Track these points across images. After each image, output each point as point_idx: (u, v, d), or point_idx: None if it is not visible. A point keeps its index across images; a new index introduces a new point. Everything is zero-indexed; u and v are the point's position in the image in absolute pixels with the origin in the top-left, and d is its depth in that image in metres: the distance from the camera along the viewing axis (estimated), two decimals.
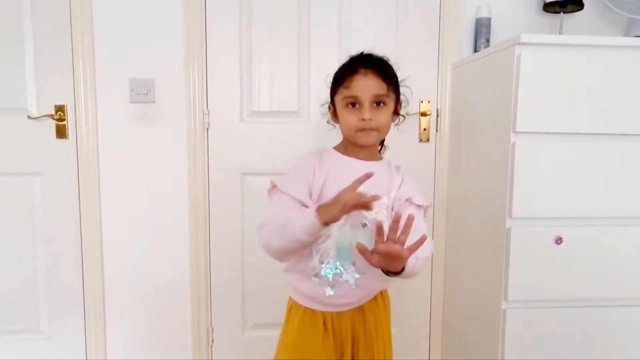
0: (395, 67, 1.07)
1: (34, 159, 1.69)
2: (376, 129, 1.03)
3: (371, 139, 1.04)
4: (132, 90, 1.64)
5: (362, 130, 1.02)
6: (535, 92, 1.23)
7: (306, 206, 1.00)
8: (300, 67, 1.69)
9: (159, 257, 1.74)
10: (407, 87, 1.10)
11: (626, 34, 1.69)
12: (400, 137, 1.71)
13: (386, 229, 1.01)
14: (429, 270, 1.78)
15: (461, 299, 1.64)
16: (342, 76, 1.04)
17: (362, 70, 1.01)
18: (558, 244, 1.29)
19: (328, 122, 1.16)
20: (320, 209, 0.92)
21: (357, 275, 1.01)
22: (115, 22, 1.63)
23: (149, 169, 1.70)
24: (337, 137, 1.14)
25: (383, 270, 0.94)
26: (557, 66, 1.23)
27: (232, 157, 1.71)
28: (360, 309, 1.11)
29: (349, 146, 1.09)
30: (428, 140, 1.73)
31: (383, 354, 1.14)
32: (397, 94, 1.07)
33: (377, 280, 1.06)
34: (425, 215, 1.08)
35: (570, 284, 1.31)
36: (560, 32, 1.61)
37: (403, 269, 0.91)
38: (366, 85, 1.01)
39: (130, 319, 1.76)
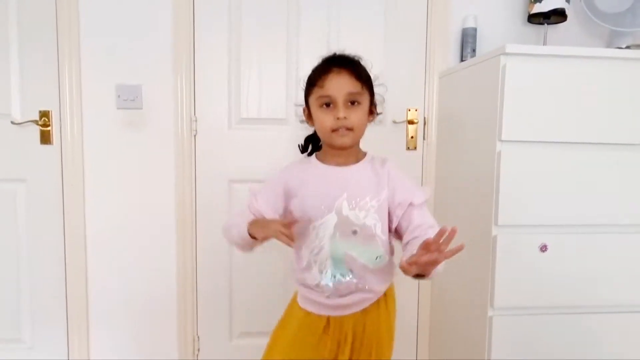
0: (367, 67, 1.07)
1: (17, 165, 1.66)
2: (351, 129, 1.02)
3: (346, 139, 1.03)
4: (119, 96, 1.62)
5: (337, 130, 1.02)
6: (520, 101, 1.25)
7: (262, 215, 1.08)
8: (288, 75, 1.69)
9: (144, 265, 1.71)
10: (382, 85, 1.10)
11: (608, 46, 1.73)
12: (387, 145, 1.73)
13: (378, 231, 1.03)
14: None
15: (448, 306, 1.64)
16: (316, 76, 1.04)
17: (336, 70, 1.01)
18: (543, 251, 1.30)
19: (302, 122, 1.15)
20: (252, 222, 1.03)
21: (355, 281, 1.05)
22: (102, 26, 1.62)
23: (136, 176, 1.68)
24: None
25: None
26: (541, 76, 1.25)
27: (220, 164, 1.70)
28: (363, 312, 1.10)
29: (328, 151, 1.09)
30: (415, 148, 1.74)
31: (378, 354, 1.13)
32: (372, 93, 1.07)
33: (377, 282, 1.08)
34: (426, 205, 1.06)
35: (556, 291, 1.32)
36: (545, 43, 1.64)
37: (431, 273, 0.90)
38: (340, 84, 1.01)
39: (115, 327, 1.73)
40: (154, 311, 1.73)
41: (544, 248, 1.30)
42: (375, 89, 1.08)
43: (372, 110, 1.09)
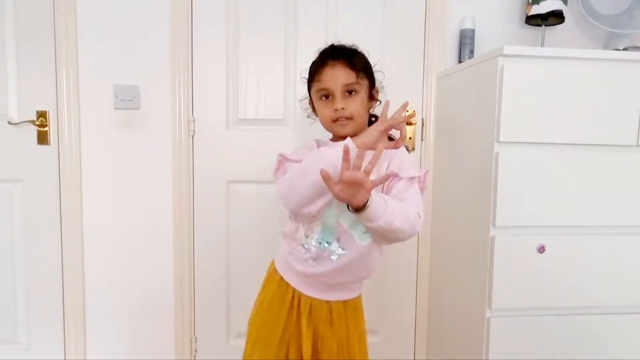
0: (366, 54, 1.10)
1: (14, 166, 1.65)
2: (350, 118, 1.06)
3: (347, 128, 1.07)
4: (117, 96, 1.62)
5: (337, 120, 1.06)
6: (518, 102, 1.25)
7: None
8: (286, 75, 1.69)
9: (142, 265, 1.71)
10: (380, 71, 1.13)
11: (605, 47, 1.74)
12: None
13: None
14: (414, 277, 1.79)
15: (446, 306, 1.64)
16: (313, 70, 1.09)
17: (330, 62, 1.05)
18: (541, 252, 1.30)
19: (308, 116, 1.19)
20: (355, 138, 1.00)
21: (340, 251, 1.05)
22: (100, 27, 1.62)
23: (133, 176, 1.67)
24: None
25: (348, 208, 0.93)
26: (539, 77, 1.26)
27: (218, 165, 1.69)
28: (328, 304, 1.11)
29: (336, 138, 1.12)
30: (413, 149, 1.75)
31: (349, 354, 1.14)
32: (371, 79, 1.10)
33: (357, 264, 1.07)
34: (423, 187, 1.05)
35: (553, 292, 1.32)
36: (542, 45, 1.64)
37: (366, 207, 0.88)
38: (335, 76, 1.04)
39: (112, 328, 1.72)
40: (151, 312, 1.73)
41: (541, 249, 1.30)
42: (375, 75, 1.12)
43: (373, 96, 1.12)
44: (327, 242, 1.05)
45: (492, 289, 1.30)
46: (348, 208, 0.94)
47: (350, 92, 1.06)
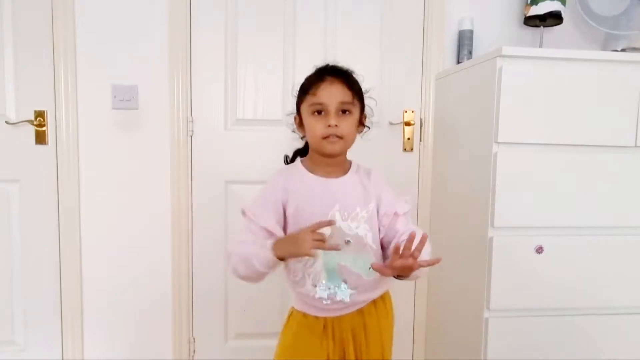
0: (359, 80, 1.09)
1: (12, 166, 1.65)
2: (341, 137, 1.04)
3: (336, 147, 1.04)
4: (115, 96, 1.61)
5: (328, 137, 1.03)
6: (516, 103, 1.26)
7: (273, 234, 1.03)
8: (285, 76, 1.69)
9: (140, 267, 1.70)
10: (372, 98, 1.12)
11: (603, 48, 1.74)
12: (384, 146, 1.73)
13: (369, 241, 1.06)
14: None
15: (444, 307, 1.64)
16: (309, 84, 1.06)
17: (329, 79, 1.04)
18: (539, 253, 1.30)
19: (293, 131, 1.17)
20: (276, 245, 0.97)
21: (350, 291, 1.06)
22: (98, 26, 1.62)
23: (131, 176, 1.67)
24: None
25: (396, 277, 1.00)
26: (537, 78, 1.26)
27: (216, 165, 1.69)
28: (360, 312, 1.11)
29: (317, 159, 1.09)
30: (412, 149, 1.75)
31: (382, 355, 1.14)
32: (362, 105, 1.09)
33: (370, 291, 1.09)
34: (409, 215, 1.12)
35: (551, 292, 1.33)
36: (540, 45, 1.65)
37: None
38: (332, 92, 1.03)
39: (110, 329, 1.72)
40: (150, 312, 1.72)
41: (539, 250, 1.30)
42: (366, 101, 1.11)
43: (361, 122, 1.11)
44: (336, 287, 1.05)
45: (490, 290, 1.31)
46: (396, 277, 0.99)
47: (344, 112, 1.04)
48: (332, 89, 1.03)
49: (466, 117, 1.48)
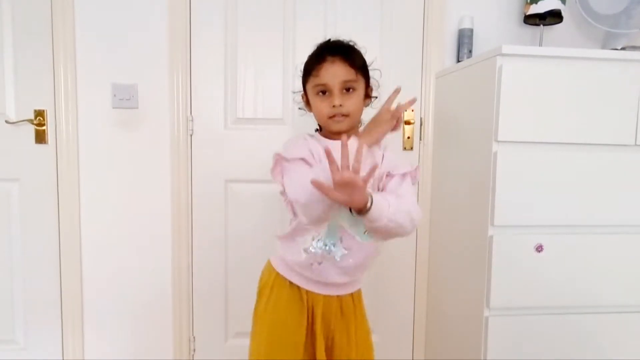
0: (362, 52, 1.10)
1: (12, 165, 1.65)
2: (347, 115, 1.05)
3: (343, 125, 1.06)
4: (115, 95, 1.61)
5: (333, 117, 1.05)
6: (516, 102, 1.25)
7: (311, 165, 1.02)
8: (285, 75, 1.69)
9: (140, 266, 1.70)
10: (377, 69, 1.12)
11: (603, 47, 1.74)
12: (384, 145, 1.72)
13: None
14: (412, 277, 1.79)
15: (444, 306, 1.64)
16: (311, 65, 1.07)
17: (330, 58, 1.04)
18: (539, 251, 1.30)
19: (300, 108, 1.18)
20: (363, 135, 1.05)
21: (344, 252, 1.05)
22: (98, 25, 1.61)
23: (131, 175, 1.67)
24: None
25: (351, 212, 0.95)
26: (537, 77, 1.26)
27: (216, 164, 1.69)
28: (338, 299, 1.12)
29: (329, 134, 1.12)
30: (412, 148, 1.75)
31: (364, 348, 1.16)
32: (367, 78, 1.10)
33: (359, 261, 1.08)
34: (414, 182, 1.09)
35: (551, 291, 1.33)
36: (540, 44, 1.64)
37: (370, 208, 0.90)
38: (334, 72, 1.03)
39: (110, 328, 1.72)
40: (150, 311, 1.72)
41: (539, 248, 1.30)
42: (371, 73, 1.11)
43: (368, 94, 1.12)
44: (332, 244, 1.06)
45: (490, 288, 1.31)
46: (351, 212, 0.94)
47: (348, 90, 1.05)
48: (334, 69, 1.03)
49: (466, 115, 1.48)
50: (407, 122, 1.73)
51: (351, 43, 1.10)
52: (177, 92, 1.65)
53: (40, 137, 1.63)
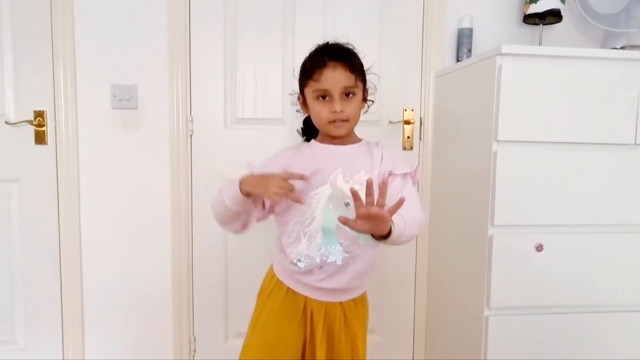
0: (360, 56, 1.10)
1: (11, 165, 1.65)
2: (347, 120, 1.06)
3: (342, 129, 1.07)
4: (114, 96, 1.61)
5: (334, 122, 1.05)
6: (516, 101, 1.25)
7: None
8: (284, 75, 1.69)
9: (140, 266, 1.70)
10: (374, 73, 1.13)
11: (603, 46, 1.74)
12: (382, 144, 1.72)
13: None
14: (412, 277, 1.79)
15: (444, 306, 1.64)
16: (311, 69, 1.06)
17: (331, 64, 1.03)
18: (539, 251, 1.31)
19: (297, 111, 1.19)
20: (245, 180, 1.00)
21: (344, 255, 1.05)
22: (97, 26, 1.61)
23: (131, 176, 1.67)
24: None
25: (373, 236, 0.96)
26: (537, 76, 1.26)
27: (216, 164, 1.69)
28: (341, 305, 1.11)
29: (325, 138, 1.13)
30: (411, 148, 1.75)
31: (359, 354, 1.15)
32: (364, 82, 1.11)
33: (362, 264, 1.08)
34: (414, 182, 1.10)
35: (551, 290, 1.33)
36: (540, 44, 1.64)
37: (390, 232, 0.92)
38: (335, 78, 1.03)
39: (110, 328, 1.72)
40: (150, 312, 1.72)
41: (539, 248, 1.30)
42: (367, 77, 1.12)
43: (364, 97, 1.12)
44: (331, 246, 1.05)
45: (490, 288, 1.31)
46: (374, 237, 0.96)
47: (348, 95, 1.05)
48: (335, 75, 1.03)
49: (466, 115, 1.48)
50: (407, 122, 1.73)
51: (350, 46, 1.09)
52: (177, 93, 1.64)
53: (40, 138, 1.63)
